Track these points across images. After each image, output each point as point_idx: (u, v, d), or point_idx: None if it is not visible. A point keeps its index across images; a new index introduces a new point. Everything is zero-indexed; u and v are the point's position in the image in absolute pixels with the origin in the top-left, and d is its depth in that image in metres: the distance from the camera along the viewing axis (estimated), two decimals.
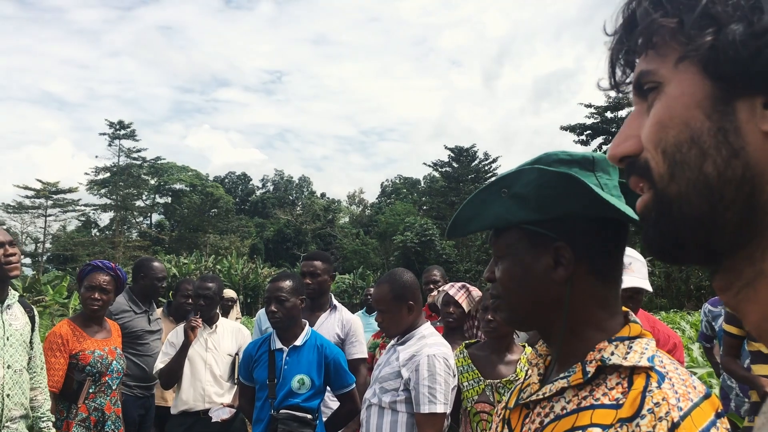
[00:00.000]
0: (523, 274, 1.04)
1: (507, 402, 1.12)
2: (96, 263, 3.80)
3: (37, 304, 27.08)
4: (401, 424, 2.73)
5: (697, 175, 0.56)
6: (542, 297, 1.02)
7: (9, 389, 3.12)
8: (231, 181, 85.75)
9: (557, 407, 0.95)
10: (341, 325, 3.92)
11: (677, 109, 0.58)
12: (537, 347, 1.11)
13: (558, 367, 1.02)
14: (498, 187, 1.05)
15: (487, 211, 1.07)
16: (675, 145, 0.58)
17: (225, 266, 43.41)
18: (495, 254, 1.10)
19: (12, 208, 55.23)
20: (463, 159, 58.97)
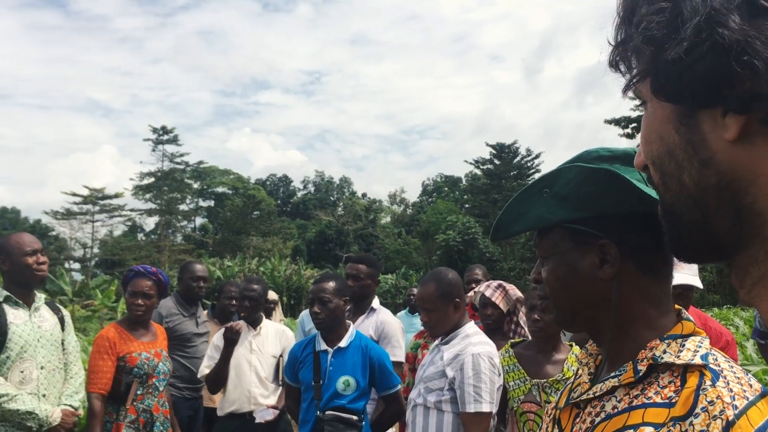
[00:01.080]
0: (568, 273, 1.02)
1: (557, 402, 1.10)
2: (138, 269, 3.87)
3: (87, 308, 27.78)
4: (447, 423, 2.71)
5: (680, 186, 0.59)
6: (589, 296, 1.00)
7: (44, 389, 3.21)
8: (272, 184, 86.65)
9: (608, 406, 0.93)
10: (375, 326, 3.88)
11: (654, 125, 0.61)
12: (587, 346, 1.09)
13: (608, 366, 1.00)
14: (539, 187, 1.04)
15: (530, 212, 1.06)
16: (659, 158, 0.61)
17: (268, 268, 43.89)
18: (540, 255, 1.08)
19: (61, 215, 56.79)
20: (505, 156, 58.53)
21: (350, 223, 69.07)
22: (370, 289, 4.01)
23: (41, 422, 3.09)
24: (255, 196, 64.45)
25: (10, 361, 3.10)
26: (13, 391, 3.03)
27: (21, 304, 3.25)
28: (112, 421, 3.57)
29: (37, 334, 3.24)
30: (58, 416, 3.18)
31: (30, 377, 3.15)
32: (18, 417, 3.03)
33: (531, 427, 3.01)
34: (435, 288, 2.86)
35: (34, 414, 3.06)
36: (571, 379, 1.11)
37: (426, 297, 2.87)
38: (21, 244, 3.26)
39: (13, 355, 3.11)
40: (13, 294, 3.24)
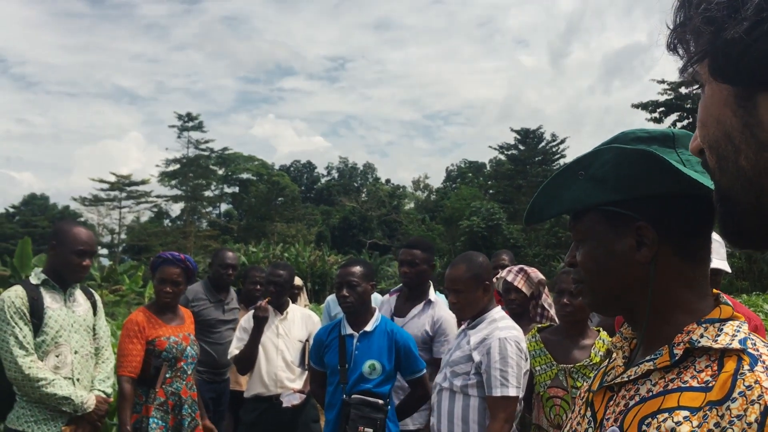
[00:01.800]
0: (605, 256, 1.01)
1: (590, 385, 1.09)
2: (166, 255, 3.90)
3: (114, 293, 28.20)
4: (473, 407, 2.72)
5: (736, 170, 0.58)
6: (626, 279, 0.99)
7: (78, 374, 3.26)
8: (296, 170, 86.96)
9: (643, 390, 0.92)
10: (431, 322, 3.72)
11: (711, 108, 0.61)
12: (622, 330, 1.08)
13: (644, 350, 0.99)
14: (574, 169, 1.03)
15: (565, 194, 1.05)
16: (715, 141, 0.61)
17: (292, 254, 44.12)
18: (575, 238, 1.07)
19: (89, 201, 57.57)
20: (529, 141, 58.08)
21: (374, 209, 69.14)
22: (426, 274, 3.86)
23: (76, 407, 3.14)
24: (279, 182, 64.74)
25: (45, 345, 3.15)
26: (51, 376, 3.08)
27: (57, 288, 3.29)
28: (141, 403, 3.62)
29: (71, 319, 3.28)
30: (92, 402, 3.23)
31: (65, 362, 3.20)
32: (54, 401, 3.08)
33: (557, 412, 3.01)
34: (465, 269, 2.85)
35: (70, 399, 3.11)
36: (605, 362, 1.10)
37: (456, 278, 2.86)
38: (75, 241, 3.25)
39: (49, 339, 3.16)
40: (51, 278, 3.28)
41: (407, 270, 3.77)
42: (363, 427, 3.09)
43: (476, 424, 2.70)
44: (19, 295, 3.12)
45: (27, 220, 70.26)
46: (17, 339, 3.04)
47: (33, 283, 3.23)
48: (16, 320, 3.06)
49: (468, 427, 2.72)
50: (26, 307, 3.11)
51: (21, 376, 3.02)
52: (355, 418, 3.10)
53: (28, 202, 78.87)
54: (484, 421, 2.69)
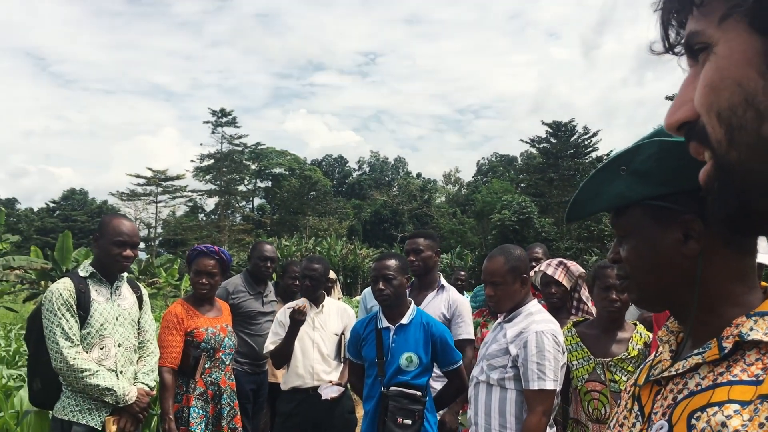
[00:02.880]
0: (651, 251, 1.01)
1: (636, 379, 1.09)
2: (201, 248, 3.97)
3: (151, 286, 28.63)
4: (510, 401, 2.72)
5: (756, 140, 0.52)
6: (673, 273, 0.99)
7: (122, 366, 3.32)
8: (328, 164, 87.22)
9: (691, 383, 0.92)
10: (447, 305, 3.91)
11: (728, 69, 0.54)
12: (668, 324, 1.08)
13: (691, 344, 0.99)
14: (616, 165, 1.02)
15: (607, 190, 1.05)
16: (729, 108, 0.54)
17: (325, 248, 44.37)
18: (618, 234, 1.07)
19: (126, 196, 58.67)
20: (561, 134, 57.38)
21: (405, 203, 69.08)
22: (432, 261, 4.01)
23: (118, 399, 3.20)
24: (311, 176, 65.05)
25: (90, 337, 3.22)
26: (94, 367, 3.15)
27: (104, 282, 3.35)
28: (182, 393, 3.70)
29: (116, 312, 3.34)
30: (134, 395, 3.29)
31: (109, 354, 3.26)
32: (97, 392, 3.15)
33: (596, 406, 3.00)
34: (504, 261, 2.84)
35: (112, 391, 3.18)
36: (651, 356, 1.10)
37: (494, 271, 2.84)
38: (116, 233, 3.31)
39: (93, 331, 3.23)
40: (98, 271, 3.35)
41: (413, 258, 3.89)
42: (401, 419, 3.12)
43: (513, 417, 2.70)
44: (66, 287, 3.19)
45: (67, 215, 71.74)
46: (63, 330, 3.12)
47: (81, 275, 3.30)
48: (63, 312, 3.13)
49: (505, 420, 2.72)
50: (73, 299, 3.18)
51: (66, 366, 3.09)
52: (393, 410, 3.13)
53: (68, 197, 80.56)
54: (522, 415, 2.69)
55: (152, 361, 3.54)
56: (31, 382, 3.36)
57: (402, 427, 3.12)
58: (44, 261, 20.83)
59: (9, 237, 21.30)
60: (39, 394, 3.33)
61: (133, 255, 3.40)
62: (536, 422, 2.60)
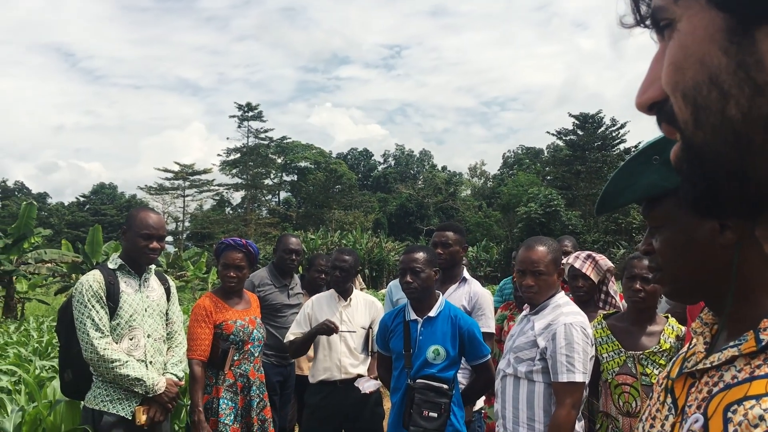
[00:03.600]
0: (686, 241, 0.98)
1: (669, 371, 1.07)
2: (229, 241, 3.99)
3: (179, 279, 28.99)
4: (538, 393, 2.70)
5: (721, 120, 0.50)
6: (710, 264, 0.96)
7: (150, 357, 3.36)
8: (353, 158, 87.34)
9: (727, 376, 0.90)
10: (468, 297, 3.90)
11: (691, 47, 0.52)
12: (702, 315, 1.06)
13: (727, 335, 0.97)
14: (648, 154, 1.00)
15: (639, 181, 1.02)
16: (693, 87, 0.52)
17: (350, 241, 44.46)
18: (651, 225, 1.05)
19: (154, 190, 59.46)
20: (588, 126, 56.84)
21: (430, 196, 68.99)
22: (459, 255, 4.00)
23: (147, 389, 3.24)
24: (337, 170, 65.22)
25: (120, 328, 3.26)
26: (124, 357, 3.20)
27: (132, 273, 3.39)
28: (212, 385, 3.73)
29: (144, 304, 3.38)
30: (163, 385, 3.33)
31: (138, 345, 3.30)
32: (127, 382, 3.19)
33: (626, 399, 2.97)
34: (547, 252, 2.79)
35: (142, 381, 3.22)
36: (685, 348, 1.08)
37: (537, 260, 2.78)
38: (143, 225, 3.34)
39: (123, 322, 3.27)
40: (126, 263, 3.40)
41: (441, 251, 3.86)
42: (427, 411, 3.11)
43: (542, 410, 2.68)
44: (96, 279, 3.24)
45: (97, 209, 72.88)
46: (93, 321, 3.16)
47: (110, 267, 3.35)
48: (93, 303, 3.18)
49: (533, 413, 2.70)
50: (103, 291, 3.22)
51: (96, 356, 3.14)
52: (419, 403, 3.12)
53: (98, 192, 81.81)
54: (550, 407, 2.67)
55: (180, 352, 3.58)
56: (62, 372, 3.42)
57: (427, 419, 3.11)
58: (75, 254, 21.17)
59: (41, 231, 21.69)
60: (70, 385, 3.38)
61: (160, 247, 3.43)
62: (565, 415, 2.58)
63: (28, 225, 18.56)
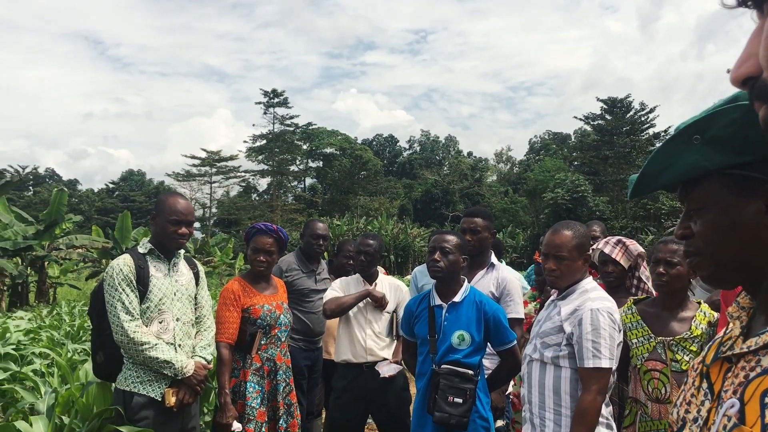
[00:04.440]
0: (730, 224, 0.95)
1: (704, 356, 1.05)
2: (260, 226, 4.00)
3: (207, 264, 29.30)
4: (564, 379, 2.68)
5: None
6: (753, 247, 0.93)
7: (180, 340, 3.39)
8: (378, 144, 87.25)
9: (765, 361, 0.88)
10: (496, 283, 3.87)
11: None
12: (738, 299, 1.03)
13: (764, 320, 0.94)
14: (687, 134, 0.97)
15: (679, 161, 0.99)
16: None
17: (375, 227, 44.54)
18: (691, 207, 1.01)
19: (182, 177, 60.08)
20: (616, 111, 56.14)
21: (456, 182, 68.76)
22: (487, 242, 3.97)
23: (176, 372, 3.28)
24: (362, 156, 65.24)
25: (150, 312, 3.29)
26: (154, 340, 3.23)
27: (162, 258, 3.42)
28: (239, 368, 3.76)
29: (173, 288, 3.41)
30: (192, 368, 3.36)
31: (167, 328, 3.34)
32: (156, 365, 3.23)
33: (656, 385, 2.93)
34: (571, 236, 2.76)
35: (171, 363, 3.25)
36: (721, 333, 1.05)
37: (561, 245, 2.76)
38: (171, 211, 3.36)
39: (153, 306, 3.30)
40: (156, 248, 3.43)
41: (470, 238, 3.82)
42: (452, 397, 3.10)
43: (568, 396, 2.66)
44: (127, 263, 3.28)
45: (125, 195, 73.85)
46: (124, 305, 3.20)
47: (140, 252, 3.38)
48: (124, 287, 3.22)
49: (560, 399, 2.68)
50: (133, 275, 3.26)
51: (126, 339, 3.18)
52: (444, 388, 3.11)
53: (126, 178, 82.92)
54: (576, 393, 2.64)
55: (209, 336, 3.61)
56: (94, 355, 3.48)
57: (452, 405, 3.10)
58: (105, 240, 21.50)
59: (72, 217, 22.04)
60: (102, 367, 3.44)
61: (189, 232, 3.45)
62: (591, 400, 2.55)
63: (60, 211, 18.86)
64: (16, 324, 7.57)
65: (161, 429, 3.18)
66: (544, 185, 55.27)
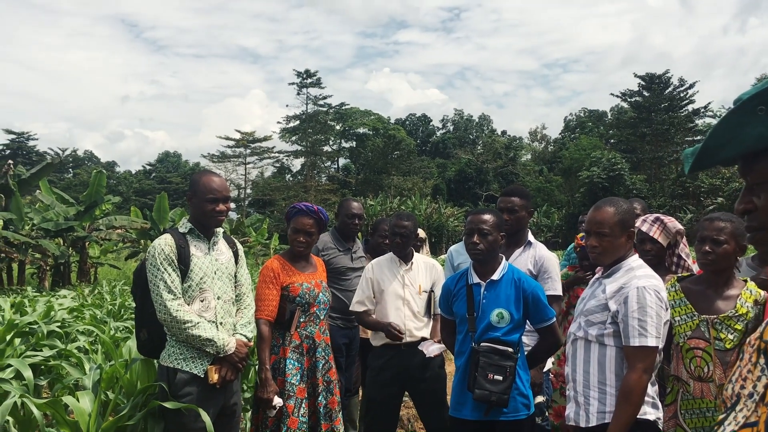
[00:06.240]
0: None
1: (762, 333, 1.03)
2: (301, 206, 4.03)
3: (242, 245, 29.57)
4: (610, 357, 2.65)
5: None
6: None
7: (221, 318, 3.43)
8: (411, 123, 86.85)
9: None
10: (534, 261, 3.86)
11: None
12: None
13: None
14: (752, 105, 0.93)
15: (744, 133, 0.95)
16: None
17: (409, 207, 44.51)
18: (755, 181, 0.98)
19: (217, 158, 60.72)
20: (655, 87, 54.96)
21: (490, 161, 68.24)
22: (525, 221, 3.95)
23: (218, 349, 3.32)
24: (395, 136, 65.06)
25: (191, 291, 3.34)
26: (196, 319, 3.28)
27: (201, 237, 3.46)
28: (279, 345, 3.81)
29: (214, 267, 3.45)
30: (233, 346, 3.40)
31: (208, 306, 3.38)
32: (199, 342, 3.28)
33: (698, 363, 2.89)
34: (614, 213, 2.73)
35: (213, 341, 3.30)
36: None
37: (602, 221, 2.73)
38: (207, 190, 3.39)
39: (194, 285, 3.34)
40: (196, 227, 3.47)
41: (507, 217, 3.81)
42: (492, 375, 3.09)
43: (614, 374, 2.64)
44: (168, 242, 3.32)
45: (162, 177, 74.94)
46: (166, 284, 3.25)
47: (180, 231, 3.43)
48: (166, 266, 3.27)
49: (605, 377, 2.66)
50: (174, 254, 3.30)
51: (169, 318, 3.23)
52: (484, 366, 3.11)
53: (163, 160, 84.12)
54: (622, 372, 2.61)
55: (249, 314, 3.65)
56: (138, 332, 3.54)
57: (493, 382, 3.10)
58: (143, 221, 21.87)
59: (110, 198, 22.44)
60: (146, 344, 3.50)
61: (226, 209, 3.47)
62: (636, 379, 2.53)
63: (99, 193, 19.23)
64: (59, 302, 7.74)
65: (204, 405, 3.23)
66: (580, 164, 54.53)
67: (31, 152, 68.12)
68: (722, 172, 42.59)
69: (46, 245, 16.69)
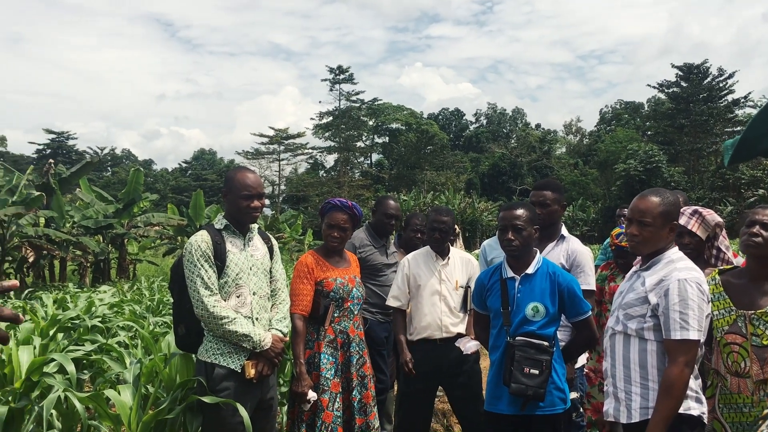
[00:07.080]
0: None
1: None
2: (335, 202, 4.05)
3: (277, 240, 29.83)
4: (651, 352, 2.61)
5: None
6: None
7: (257, 313, 3.46)
8: (444, 118, 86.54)
9: None
10: (566, 255, 3.83)
11: None
12: None
13: None
14: None
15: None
16: None
17: (443, 202, 44.38)
18: None
19: (251, 155, 61.34)
20: (693, 77, 53.89)
21: (524, 155, 67.67)
22: (557, 215, 3.93)
23: (254, 345, 3.35)
24: (428, 130, 64.87)
25: (227, 286, 3.37)
26: (232, 314, 3.31)
27: (237, 233, 3.49)
28: (313, 340, 3.84)
29: (249, 263, 3.48)
30: (269, 341, 3.43)
31: (244, 302, 3.42)
32: (235, 338, 3.31)
33: (735, 359, 2.83)
34: (659, 203, 2.69)
35: (249, 337, 3.33)
36: None
37: (645, 210, 2.69)
38: (242, 186, 3.42)
39: (230, 281, 3.38)
40: (231, 224, 3.50)
41: (540, 211, 3.77)
42: (528, 369, 3.08)
43: (655, 369, 2.60)
44: (204, 239, 3.36)
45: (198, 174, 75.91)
46: (203, 280, 3.29)
47: (216, 228, 3.47)
48: (202, 262, 3.31)
49: (646, 372, 2.62)
50: (211, 251, 3.34)
51: (206, 313, 3.27)
52: (520, 360, 3.09)
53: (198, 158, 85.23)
54: (664, 366, 2.57)
55: (284, 309, 3.68)
56: (176, 327, 3.59)
57: (529, 376, 3.08)
58: (180, 218, 22.15)
59: (148, 195, 22.80)
60: (184, 339, 3.55)
61: (261, 205, 3.50)
62: (678, 373, 2.49)
63: (137, 190, 19.54)
64: (100, 298, 7.90)
65: (241, 399, 3.27)
66: (616, 156, 53.76)
67: (71, 151, 69.61)
68: (764, 163, 41.65)
69: (87, 242, 17.02)
